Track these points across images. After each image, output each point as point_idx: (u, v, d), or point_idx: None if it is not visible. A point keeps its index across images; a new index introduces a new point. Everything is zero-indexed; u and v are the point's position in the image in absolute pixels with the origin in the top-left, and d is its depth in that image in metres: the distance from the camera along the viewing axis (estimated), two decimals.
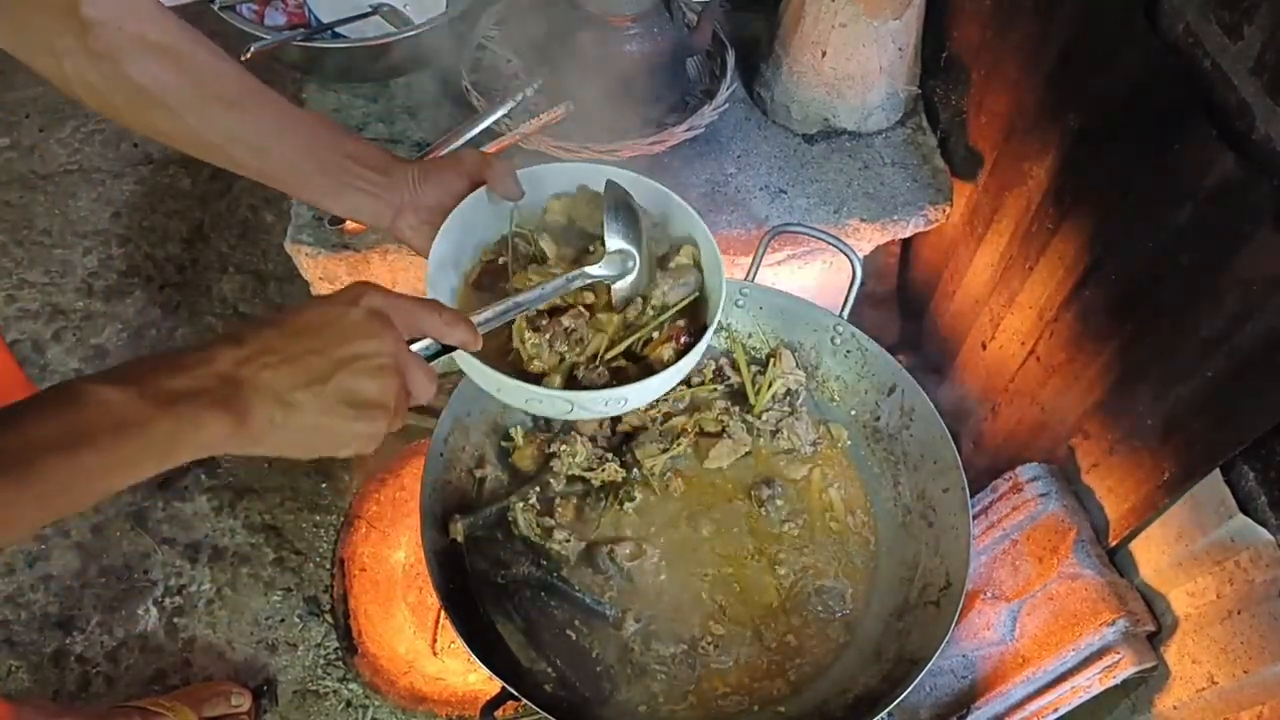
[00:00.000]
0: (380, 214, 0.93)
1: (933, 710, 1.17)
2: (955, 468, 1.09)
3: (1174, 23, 0.92)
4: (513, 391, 0.87)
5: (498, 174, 0.94)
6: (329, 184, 0.91)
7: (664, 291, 0.96)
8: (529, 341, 0.92)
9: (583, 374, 0.94)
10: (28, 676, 1.39)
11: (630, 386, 0.87)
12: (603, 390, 0.88)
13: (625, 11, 1.27)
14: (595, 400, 0.88)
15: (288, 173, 0.90)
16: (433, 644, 1.38)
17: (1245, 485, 0.87)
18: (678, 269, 0.96)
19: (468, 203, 0.93)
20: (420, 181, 0.94)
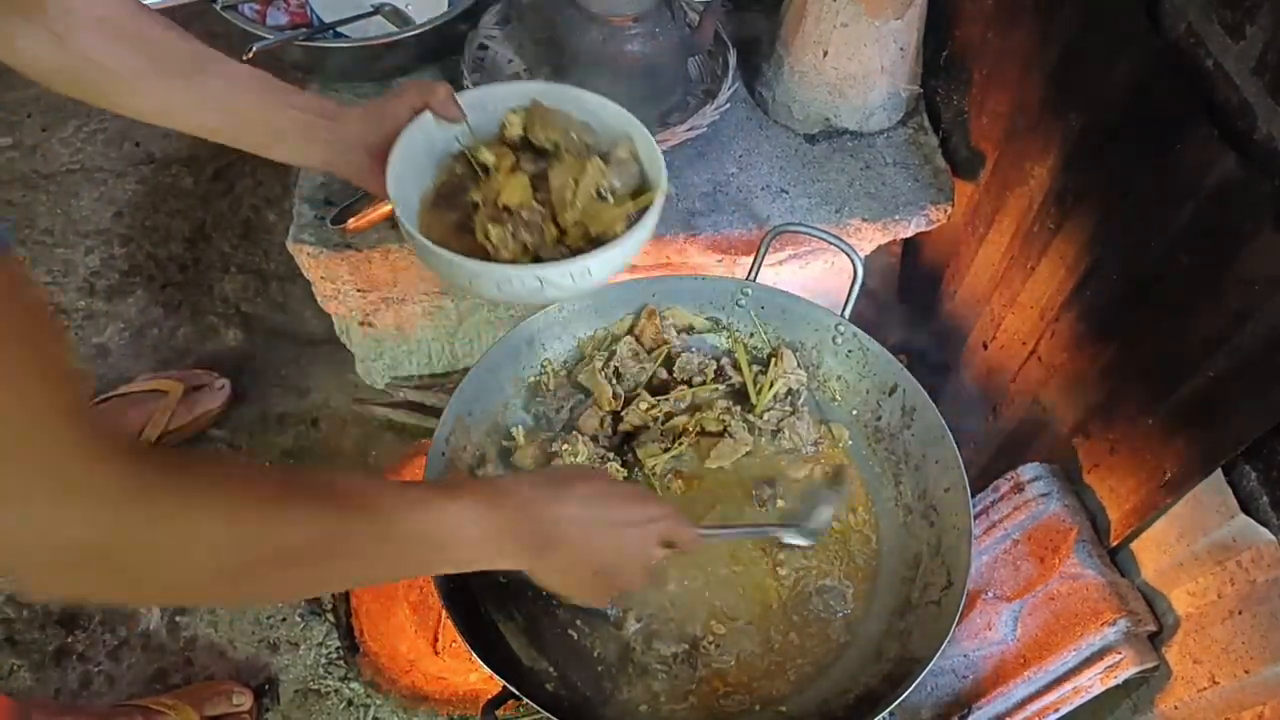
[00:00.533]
0: (330, 157, 0.98)
1: (934, 710, 1.17)
2: (956, 467, 1.09)
3: (1176, 22, 0.92)
4: (486, 278, 0.94)
5: (438, 98, 1.00)
6: (281, 137, 0.96)
7: (608, 182, 1.03)
8: (494, 234, 0.98)
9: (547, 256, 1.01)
10: (29, 675, 1.40)
11: (591, 255, 0.95)
12: (567, 261, 0.95)
13: (626, 11, 1.27)
14: (561, 273, 0.94)
15: (242, 133, 0.96)
16: (434, 643, 1.38)
17: (1247, 485, 0.87)
18: (618, 161, 1.04)
19: (413, 126, 0.99)
20: (365, 119, 0.99)
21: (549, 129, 1.05)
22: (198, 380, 1.62)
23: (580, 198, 1.01)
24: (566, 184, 1.02)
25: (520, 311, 1.44)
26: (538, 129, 1.06)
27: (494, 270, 0.95)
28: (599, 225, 1.01)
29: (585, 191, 1.01)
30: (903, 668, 0.99)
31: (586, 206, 1.02)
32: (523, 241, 1.00)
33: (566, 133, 1.06)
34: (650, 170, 1.05)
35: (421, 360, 1.59)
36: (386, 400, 1.63)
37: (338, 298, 1.40)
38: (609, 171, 1.03)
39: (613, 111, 1.07)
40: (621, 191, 1.04)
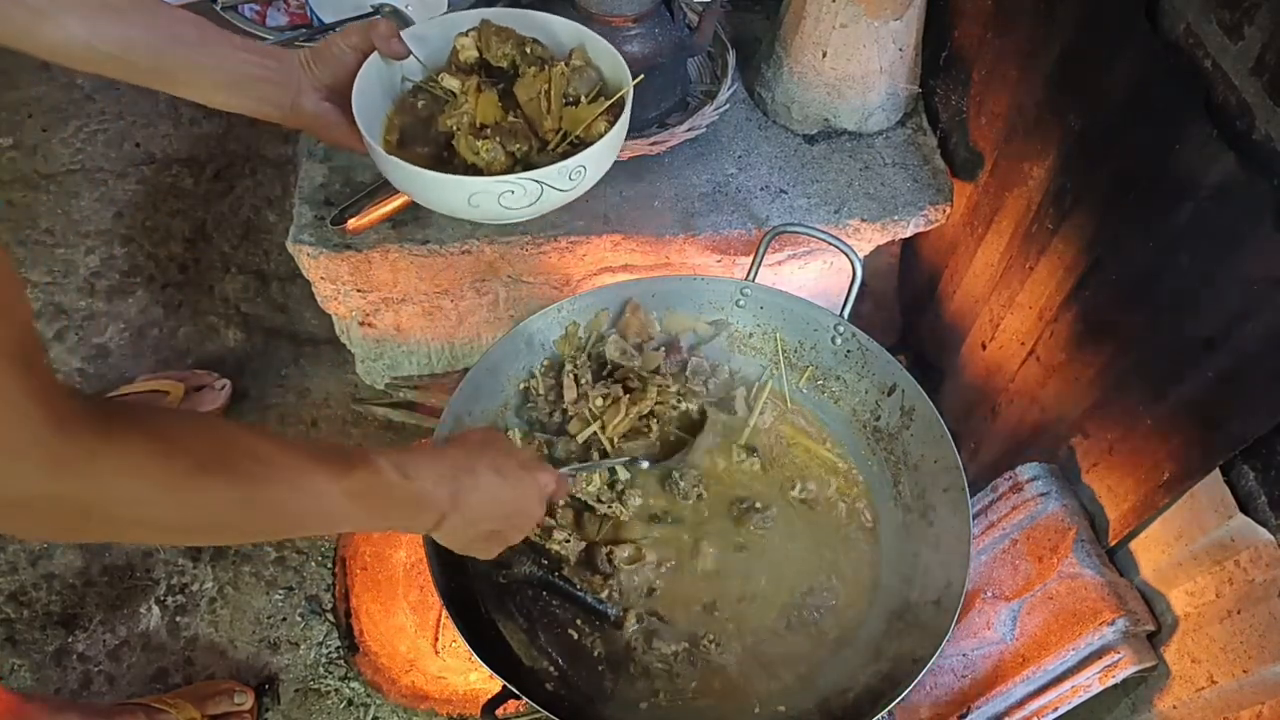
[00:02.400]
0: (280, 102, 0.96)
1: (933, 709, 1.17)
2: (955, 467, 1.09)
3: (1174, 23, 0.92)
4: (486, 193, 0.95)
5: (381, 35, 1.00)
6: (226, 83, 0.94)
7: (573, 86, 1.05)
8: (483, 149, 0.99)
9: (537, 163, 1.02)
10: (30, 675, 1.40)
11: (583, 154, 0.96)
12: (562, 162, 0.96)
13: (626, 12, 1.27)
14: (560, 174, 0.96)
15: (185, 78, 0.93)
16: (434, 643, 1.38)
17: (1245, 485, 0.87)
18: (576, 68, 1.06)
19: (366, 68, 0.99)
20: (313, 62, 0.98)
21: (503, 45, 1.06)
22: (198, 381, 1.62)
23: (555, 104, 1.03)
24: (539, 94, 1.03)
25: (520, 312, 1.44)
26: (493, 47, 1.06)
27: (494, 183, 0.95)
28: (579, 126, 1.03)
29: (557, 98, 1.03)
30: (902, 667, 1.00)
31: (563, 112, 1.03)
32: (511, 152, 1.01)
33: (521, 48, 1.07)
34: (609, 70, 1.07)
35: (421, 360, 1.59)
36: (386, 400, 1.63)
37: (338, 298, 1.40)
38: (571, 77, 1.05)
39: (560, 24, 1.09)
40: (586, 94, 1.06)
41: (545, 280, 1.40)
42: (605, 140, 0.99)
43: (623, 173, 1.36)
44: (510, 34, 1.07)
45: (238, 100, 0.95)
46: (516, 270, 1.37)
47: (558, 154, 1.02)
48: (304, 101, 0.97)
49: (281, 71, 0.96)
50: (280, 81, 0.95)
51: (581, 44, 1.08)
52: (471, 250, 1.31)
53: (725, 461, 1.20)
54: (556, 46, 1.09)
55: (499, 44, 1.06)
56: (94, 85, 2.13)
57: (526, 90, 1.03)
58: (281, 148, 2.04)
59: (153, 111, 2.10)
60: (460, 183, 0.95)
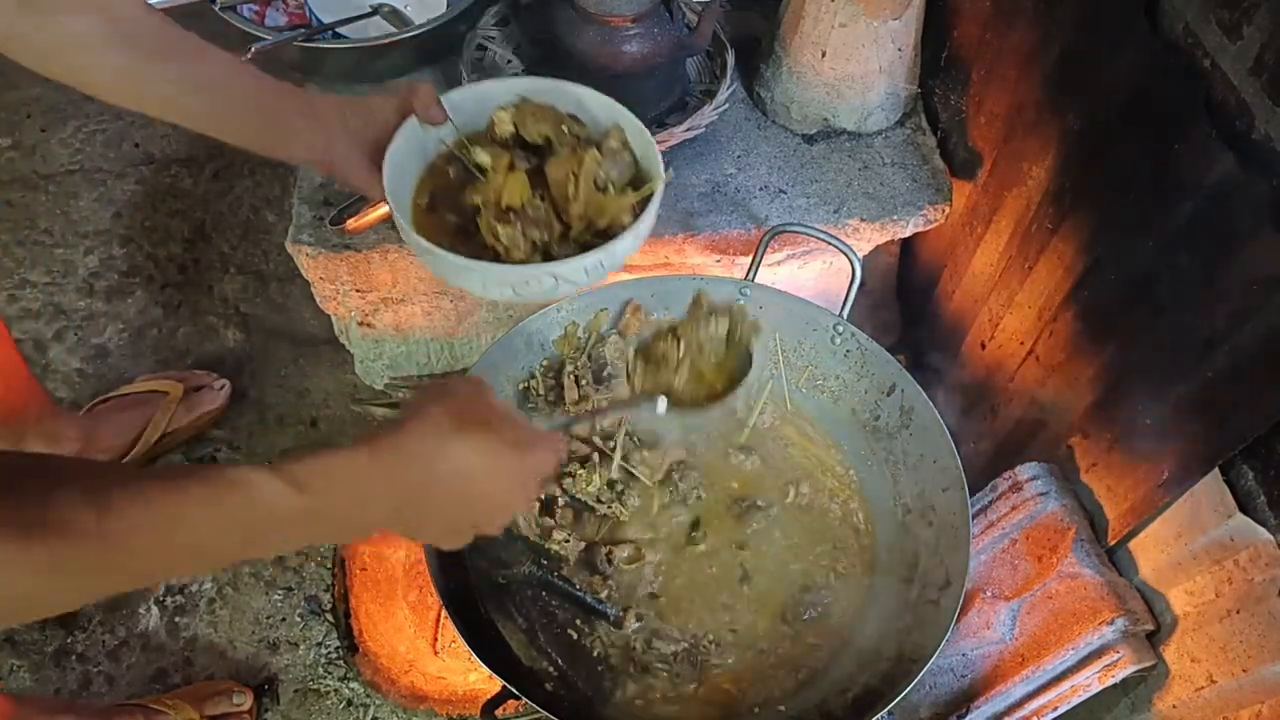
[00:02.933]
0: (312, 146, 0.96)
1: (932, 709, 1.17)
2: (954, 467, 1.09)
3: (1174, 23, 0.92)
4: (499, 280, 0.94)
5: (421, 99, 0.99)
6: (263, 127, 0.94)
7: (605, 172, 1.02)
8: (503, 235, 0.97)
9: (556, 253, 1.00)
10: (29, 675, 1.40)
11: (603, 249, 0.94)
12: (581, 256, 0.94)
13: (625, 12, 1.27)
14: (576, 269, 0.94)
15: (223, 120, 0.93)
16: (433, 643, 1.38)
17: (1244, 484, 0.87)
18: (610, 152, 1.03)
19: (403, 131, 0.98)
20: (348, 114, 0.97)
21: (540, 123, 1.04)
22: (197, 381, 1.62)
23: (583, 191, 1.00)
24: (567, 178, 1.01)
25: (519, 311, 1.44)
26: (529, 125, 1.05)
27: (510, 272, 0.94)
28: (605, 217, 1.00)
29: (586, 184, 1.01)
30: (901, 667, 1.00)
31: (590, 199, 1.01)
32: (531, 239, 0.99)
33: (557, 126, 1.05)
34: (644, 158, 1.05)
35: (421, 360, 1.59)
36: (386, 400, 1.63)
37: (337, 298, 1.40)
38: (604, 162, 1.03)
39: (600, 102, 1.07)
40: (618, 181, 1.04)
41: None
42: (627, 236, 0.97)
43: None
44: (548, 113, 1.05)
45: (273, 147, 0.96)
46: None
47: (578, 243, 1.00)
48: (334, 154, 0.97)
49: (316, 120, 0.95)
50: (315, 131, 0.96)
51: (618, 124, 1.05)
52: None
53: (724, 461, 1.20)
54: (593, 123, 1.07)
55: (535, 122, 1.04)
56: None
57: (557, 170, 1.01)
58: None
59: None
60: (476, 268, 0.93)
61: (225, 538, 0.62)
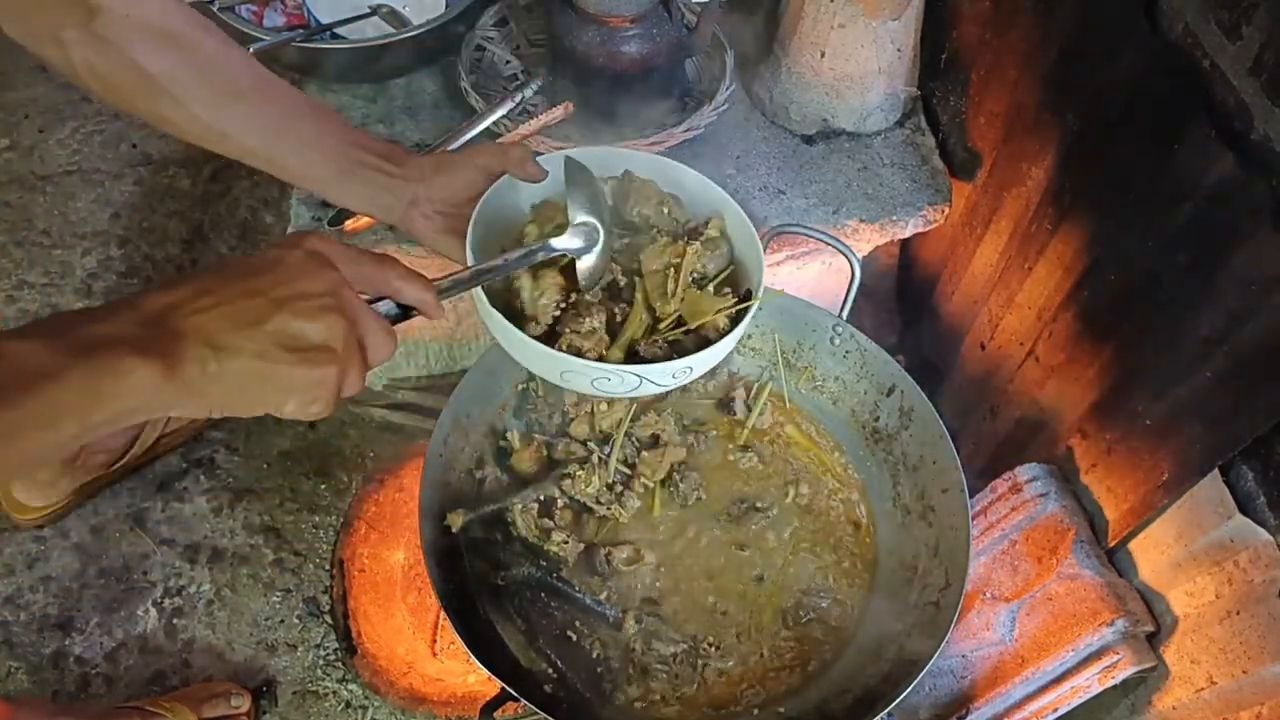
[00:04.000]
0: (392, 206, 0.92)
1: (932, 710, 1.17)
2: (954, 468, 1.09)
3: (1173, 23, 0.92)
4: (580, 374, 0.87)
5: (516, 159, 0.93)
6: (339, 175, 0.90)
7: (702, 264, 0.95)
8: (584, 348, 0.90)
9: (643, 349, 0.94)
10: (26, 677, 1.39)
11: (693, 357, 0.88)
12: (670, 363, 0.88)
13: (624, 12, 1.27)
14: (663, 373, 0.88)
15: (298, 164, 0.89)
16: (432, 645, 1.38)
17: (1244, 485, 0.87)
18: (709, 240, 0.97)
19: (494, 190, 0.92)
20: (434, 173, 0.93)
21: (643, 203, 0.98)
22: None
23: (681, 287, 0.93)
24: (665, 271, 0.93)
25: None
26: (631, 203, 0.98)
27: (592, 369, 0.87)
28: (698, 318, 0.93)
29: (685, 280, 0.93)
30: (901, 668, 0.99)
31: (686, 296, 0.94)
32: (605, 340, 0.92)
33: (659, 207, 0.98)
34: (743, 253, 0.98)
35: (419, 362, 1.59)
36: (384, 402, 1.63)
37: None
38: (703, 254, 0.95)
39: (704, 185, 1.00)
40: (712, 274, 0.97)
41: None
42: (719, 345, 0.90)
43: None
44: (651, 191, 0.99)
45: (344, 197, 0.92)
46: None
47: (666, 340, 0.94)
48: (414, 211, 0.92)
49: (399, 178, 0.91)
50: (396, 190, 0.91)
51: (720, 213, 0.99)
52: None
53: (724, 462, 1.20)
54: (693, 205, 1.01)
55: (636, 201, 0.98)
56: None
57: (653, 260, 0.94)
58: None
59: None
60: (555, 358, 0.87)
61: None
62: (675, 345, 0.94)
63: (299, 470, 1.60)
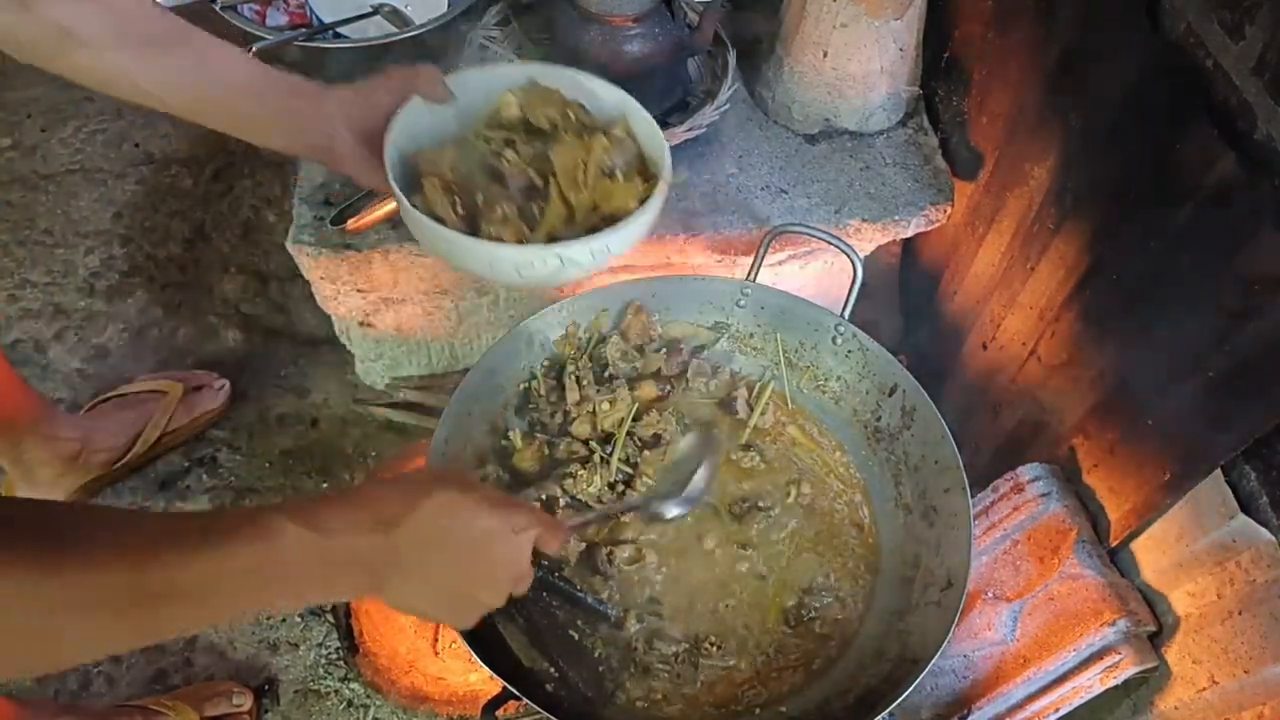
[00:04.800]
0: (314, 141, 0.95)
1: (934, 710, 1.17)
2: (956, 468, 1.09)
3: (1175, 23, 0.92)
4: (506, 262, 0.94)
5: (425, 80, 0.98)
6: (261, 118, 0.92)
7: (610, 159, 1.02)
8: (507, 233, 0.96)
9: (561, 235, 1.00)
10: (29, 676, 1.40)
11: (609, 233, 0.95)
12: (587, 239, 0.94)
13: (626, 11, 1.27)
14: (582, 251, 0.94)
15: (219, 110, 0.91)
16: (434, 643, 1.38)
17: (1246, 485, 0.87)
18: (616, 140, 1.04)
19: (403, 114, 0.97)
20: (351, 104, 0.96)
21: (548, 108, 1.04)
22: (197, 381, 1.62)
23: (592, 177, 1.01)
24: (576, 164, 1.01)
25: (520, 312, 1.44)
26: (537, 109, 1.05)
27: (516, 253, 0.94)
28: (612, 203, 1.00)
29: (595, 170, 1.01)
30: (903, 668, 0.99)
31: (598, 185, 1.01)
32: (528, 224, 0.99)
33: (564, 112, 1.05)
34: (649, 147, 1.05)
35: (421, 361, 1.59)
36: (386, 401, 1.63)
37: (338, 298, 1.40)
38: (611, 149, 1.02)
39: (607, 91, 1.07)
40: (624, 169, 1.04)
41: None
42: (633, 222, 0.97)
43: None
44: (556, 96, 1.05)
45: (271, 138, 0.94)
46: None
47: (584, 227, 1.00)
48: (338, 142, 0.96)
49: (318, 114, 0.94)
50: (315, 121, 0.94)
51: (624, 114, 1.06)
52: None
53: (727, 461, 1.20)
54: (599, 112, 1.07)
55: (543, 105, 1.04)
56: None
57: (564, 156, 1.01)
58: None
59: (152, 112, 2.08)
60: (480, 246, 0.93)
61: (249, 583, 0.61)
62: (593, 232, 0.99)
63: (301, 469, 1.60)
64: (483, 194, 0.99)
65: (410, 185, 1.00)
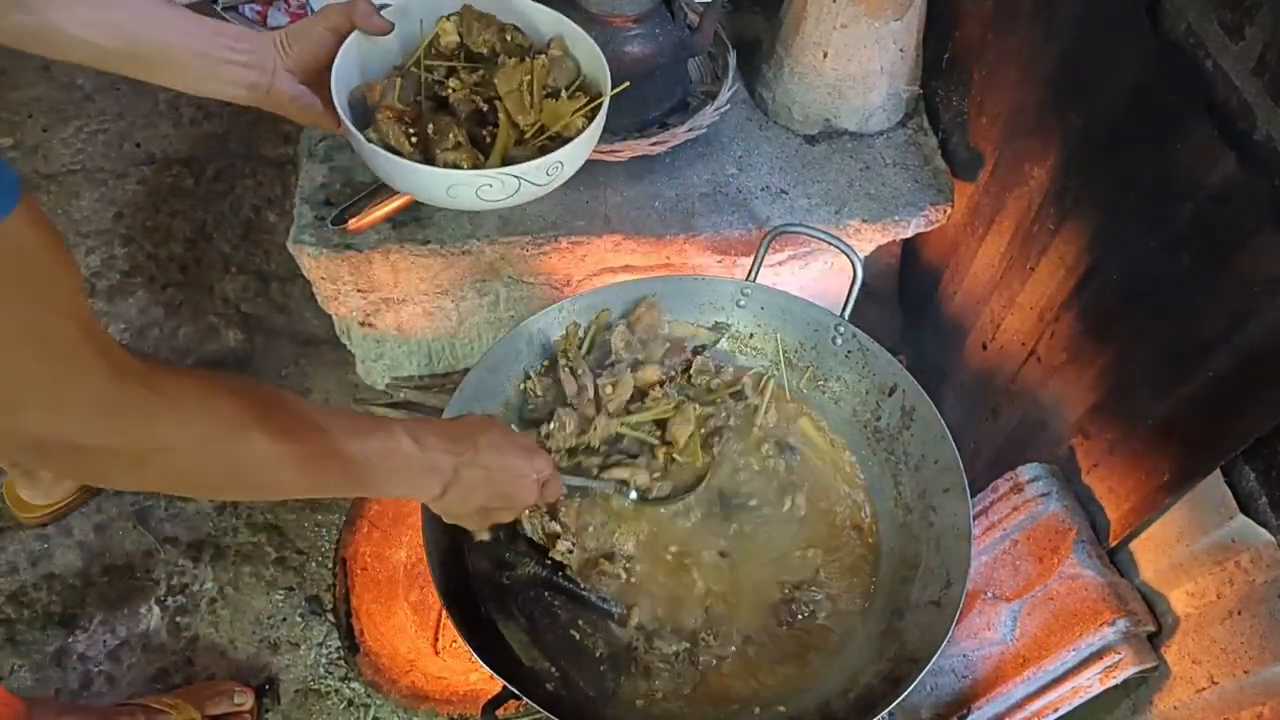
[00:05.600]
0: (255, 83, 0.95)
1: (933, 710, 1.17)
2: (956, 468, 1.09)
3: (1175, 23, 0.92)
4: (463, 185, 0.97)
5: (361, 13, 0.99)
6: (201, 64, 0.92)
7: (552, 78, 1.05)
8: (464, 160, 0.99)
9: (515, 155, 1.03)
10: (30, 675, 1.40)
11: (561, 150, 0.98)
12: (541, 159, 0.98)
13: (627, 12, 1.27)
14: (537, 170, 0.98)
15: (158, 65, 0.91)
16: (434, 643, 1.38)
17: (1246, 485, 0.87)
18: (554, 58, 1.07)
19: (345, 48, 0.99)
20: (289, 44, 0.97)
21: (485, 33, 1.07)
22: None
23: (537, 98, 1.03)
24: (520, 86, 1.03)
25: (520, 311, 1.44)
26: (474, 34, 1.07)
27: (475, 177, 0.96)
28: (558, 122, 1.03)
29: (539, 91, 1.03)
30: (902, 668, 0.99)
31: (544, 106, 1.04)
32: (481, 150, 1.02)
33: (501, 36, 1.07)
34: (588, 64, 1.08)
35: (422, 361, 1.59)
36: (387, 400, 1.63)
37: (338, 298, 1.40)
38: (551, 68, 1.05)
39: (539, 11, 1.10)
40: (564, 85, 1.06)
41: (546, 280, 1.40)
42: (582, 138, 1.01)
43: (623, 173, 1.36)
44: (491, 20, 1.08)
45: (210, 84, 0.94)
46: (517, 270, 1.37)
47: (535, 147, 1.03)
48: (279, 84, 0.96)
49: (255, 54, 0.95)
50: (254, 64, 0.95)
51: (560, 34, 1.09)
52: (472, 250, 1.31)
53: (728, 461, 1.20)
54: (535, 35, 1.10)
55: (480, 30, 1.07)
56: (94, 85, 2.13)
57: (507, 81, 1.03)
58: (282, 148, 2.04)
59: (153, 111, 2.10)
60: (438, 174, 0.96)
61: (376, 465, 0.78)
62: (544, 150, 1.02)
63: None
64: (432, 124, 1.01)
65: (359, 120, 1.01)
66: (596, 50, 1.07)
